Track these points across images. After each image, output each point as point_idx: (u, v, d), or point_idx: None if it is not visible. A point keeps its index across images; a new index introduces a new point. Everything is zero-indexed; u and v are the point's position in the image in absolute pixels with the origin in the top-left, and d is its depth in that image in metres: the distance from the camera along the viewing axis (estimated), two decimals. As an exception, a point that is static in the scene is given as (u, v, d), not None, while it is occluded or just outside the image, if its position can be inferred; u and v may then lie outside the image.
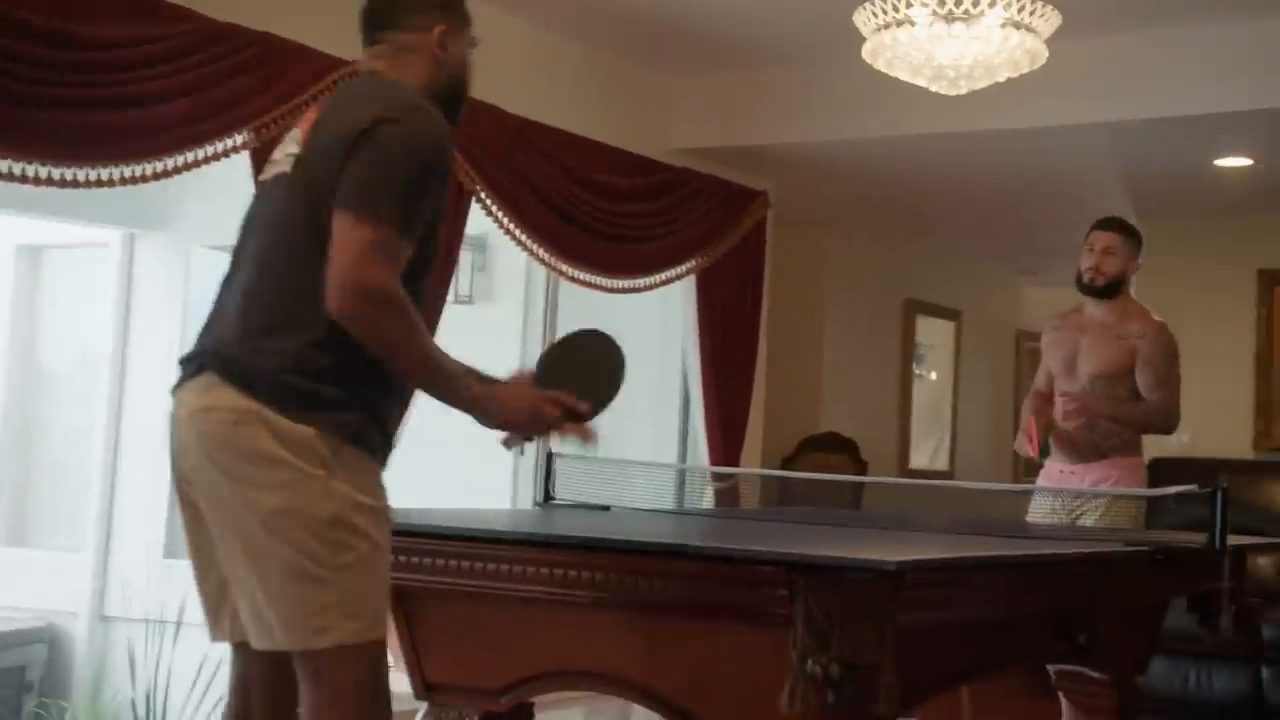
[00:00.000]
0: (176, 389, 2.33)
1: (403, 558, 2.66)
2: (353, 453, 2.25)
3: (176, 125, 3.92)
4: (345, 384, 2.24)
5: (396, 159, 2.23)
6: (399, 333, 2.22)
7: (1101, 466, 4.46)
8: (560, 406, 2.48)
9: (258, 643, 2.27)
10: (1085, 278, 4.52)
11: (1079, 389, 4.47)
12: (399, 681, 2.76)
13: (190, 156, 4.01)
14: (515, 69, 5.27)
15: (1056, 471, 4.54)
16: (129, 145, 3.86)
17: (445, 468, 5.54)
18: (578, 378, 2.53)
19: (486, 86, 5.01)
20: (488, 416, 2.45)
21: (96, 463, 5.62)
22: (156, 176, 3.96)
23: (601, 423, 2.60)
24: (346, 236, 2.18)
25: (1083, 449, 4.45)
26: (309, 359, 2.22)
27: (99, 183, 3.83)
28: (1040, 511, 4.37)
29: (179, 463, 2.32)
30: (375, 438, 2.31)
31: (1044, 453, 4.42)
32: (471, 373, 2.46)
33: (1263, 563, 6.08)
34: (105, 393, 5.65)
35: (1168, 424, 4.54)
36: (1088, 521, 4.30)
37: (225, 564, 2.28)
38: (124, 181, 3.89)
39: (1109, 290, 4.51)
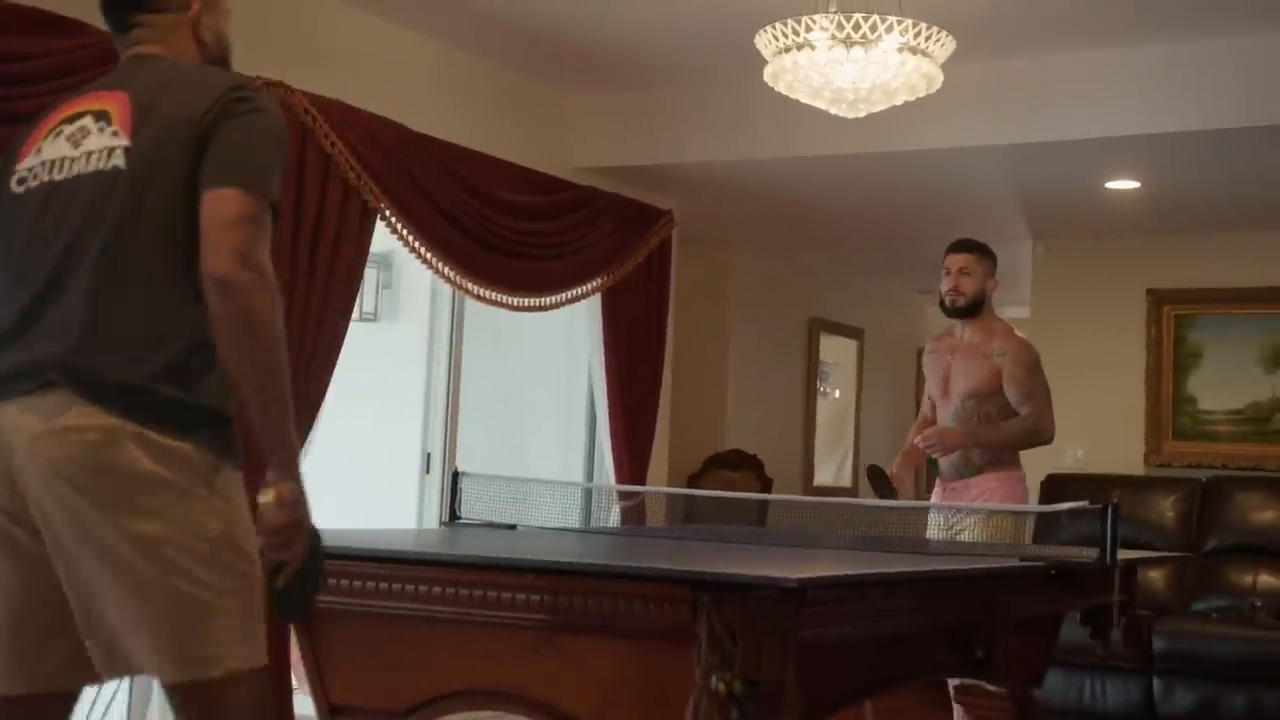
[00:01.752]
0: None
1: (306, 579, 2.63)
2: (230, 468, 2.15)
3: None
4: (219, 394, 2.13)
5: (265, 134, 2.18)
6: (268, 310, 2.06)
7: (979, 481, 4.61)
8: (308, 555, 2.18)
9: (110, 671, 2.15)
10: (946, 300, 4.69)
11: (953, 409, 4.64)
12: (303, 703, 2.73)
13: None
14: (419, 85, 5.25)
15: (940, 488, 4.71)
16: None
17: (350, 486, 5.50)
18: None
19: (390, 102, 5.04)
20: (285, 470, 2.14)
21: None
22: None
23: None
24: (227, 207, 2.07)
25: (959, 465, 4.62)
26: (183, 366, 2.09)
27: None
28: (931, 528, 4.49)
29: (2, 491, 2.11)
30: (239, 451, 2.20)
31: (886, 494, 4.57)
32: None
33: (1153, 576, 6.24)
34: None
35: (1037, 437, 4.65)
36: (965, 537, 4.40)
37: (81, 599, 2.09)
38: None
39: (971, 310, 4.67)
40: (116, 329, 2.09)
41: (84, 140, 2.19)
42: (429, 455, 5.66)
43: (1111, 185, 6.12)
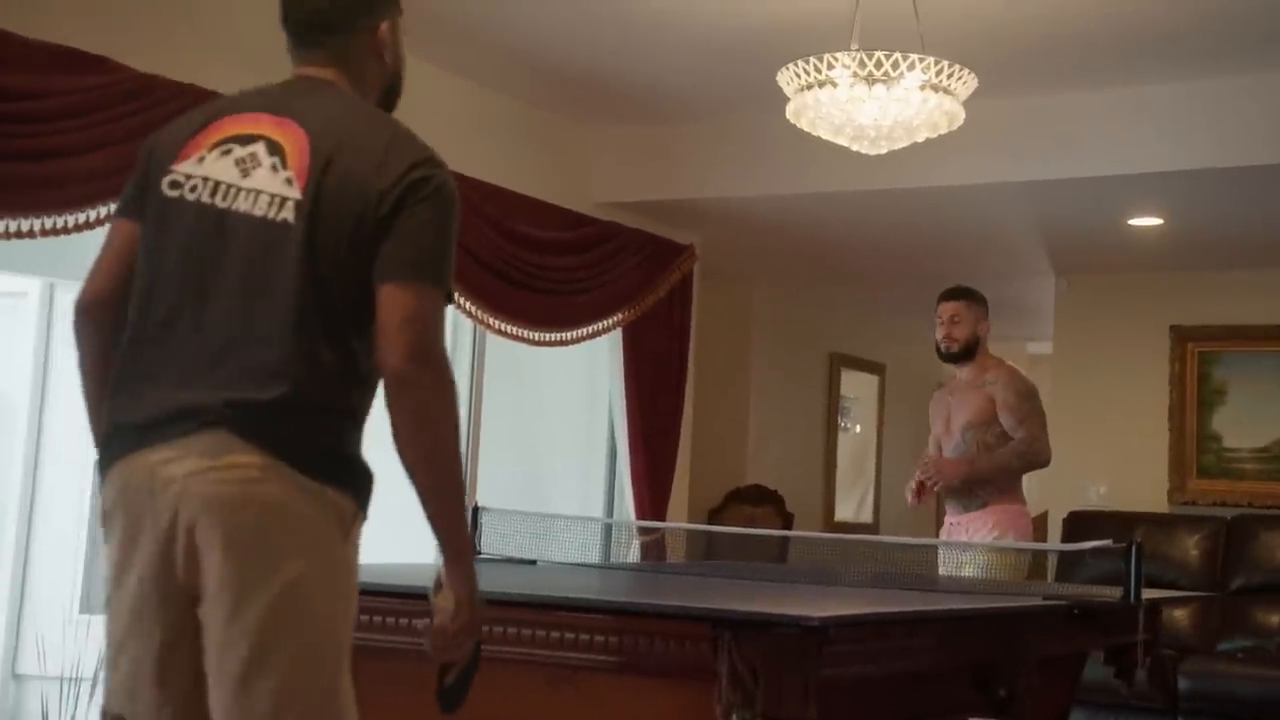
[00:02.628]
0: (142, 450, 2.01)
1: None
2: (363, 518, 2.13)
3: (98, 177, 3.88)
4: (364, 466, 2.13)
5: (445, 222, 2.07)
6: (446, 406, 2.02)
7: (982, 515, 4.68)
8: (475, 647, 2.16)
9: (227, 712, 1.98)
10: (942, 347, 4.88)
11: (954, 443, 4.78)
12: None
13: (112, 208, 3.93)
14: (442, 122, 5.27)
15: (947, 523, 4.81)
16: (49, 197, 3.81)
17: (371, 520, 5.49)
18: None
19: (414, 140, 5.06)
20: (462, 572, 2.10)
21: (11, 515, 5.51)
22: (78, 228, 3.91)
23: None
24: (408, 304, 2.00)
25: (963, 499, 4.71)
26: (335, 428, 2.07)
27: (18, 234, 3.78)
28: (944, 565, 4.54)
29: (168, 526, 1.99)
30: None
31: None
32: None
33: (1178, 615, 6.19)
34: (21, 444, 5.54)
35: (1034, 459, 4.76)
36: (967, 572, 4.41)
37: (218, 636, 1.98)
38: (44, 233, 3.84)
39: (965, 354, 4.85)
40: (289, 392, 2.01)
41: (254, 172, 2.08)
42: (450, 489, 5.65)
43: (1134, 222, 6.11)
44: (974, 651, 2.93)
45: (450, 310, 6.01)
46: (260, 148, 2.10)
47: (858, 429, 9.34)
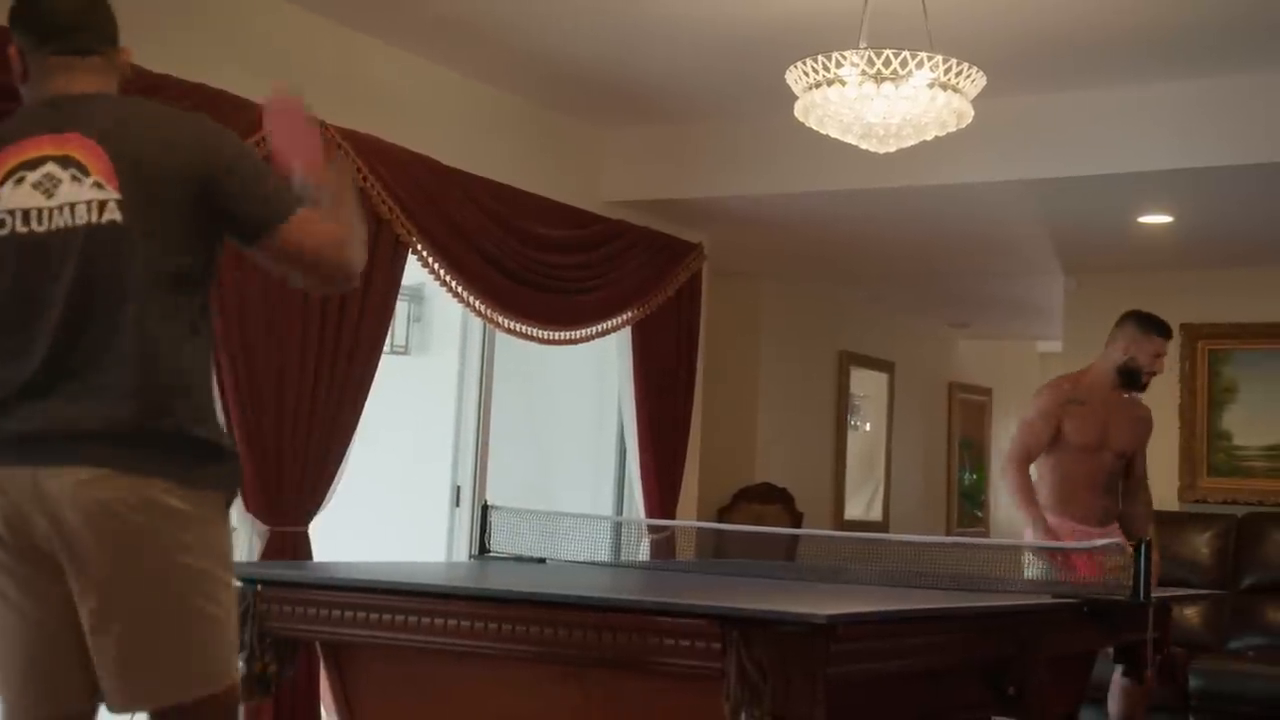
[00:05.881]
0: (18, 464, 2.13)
1: (336, 612, 2.65)
2: (236, 497, 2.35)
3: (110, 175, 3.89)
4: (222, 430, 2.32)
5: (260, 164, 2.30)
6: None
7: (1113, 527, 4.86)
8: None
9: (126, 703, 2.20)
10: (1143, 380, 4.97)
11: (1106, 462, 4.89)
12: (330, 738, 2.73)
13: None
14: (450, 121, 5.29)
15: (1073, 530, 4.79)
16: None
17: (379, 518, 5.51)
18: None
19: (421, 137, 5.07)
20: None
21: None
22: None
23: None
24: (307, 230, 2.26)
25: (1103, 514, 4.90)
26: (202, 407, 2.23)
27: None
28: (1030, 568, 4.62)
29: (36, 530, 2.14)
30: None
31: None
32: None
33: (1189, 613, 6.18)
34: None
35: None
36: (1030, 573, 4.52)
37: (111, 627, 2.14)
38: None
39: None
40: (152, 387, 2.15)
41: (55, 191, 2.16)
42: (459, 488, 5.66)
43: (1144, 219, 6.09)
44: (984, 649, 2.93)
45: (459, 308, 5.98)
46: (52, 166, 2.18)
47: (867, 427, 9.33)
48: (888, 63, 3.72)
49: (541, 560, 3.71)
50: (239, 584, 2.38)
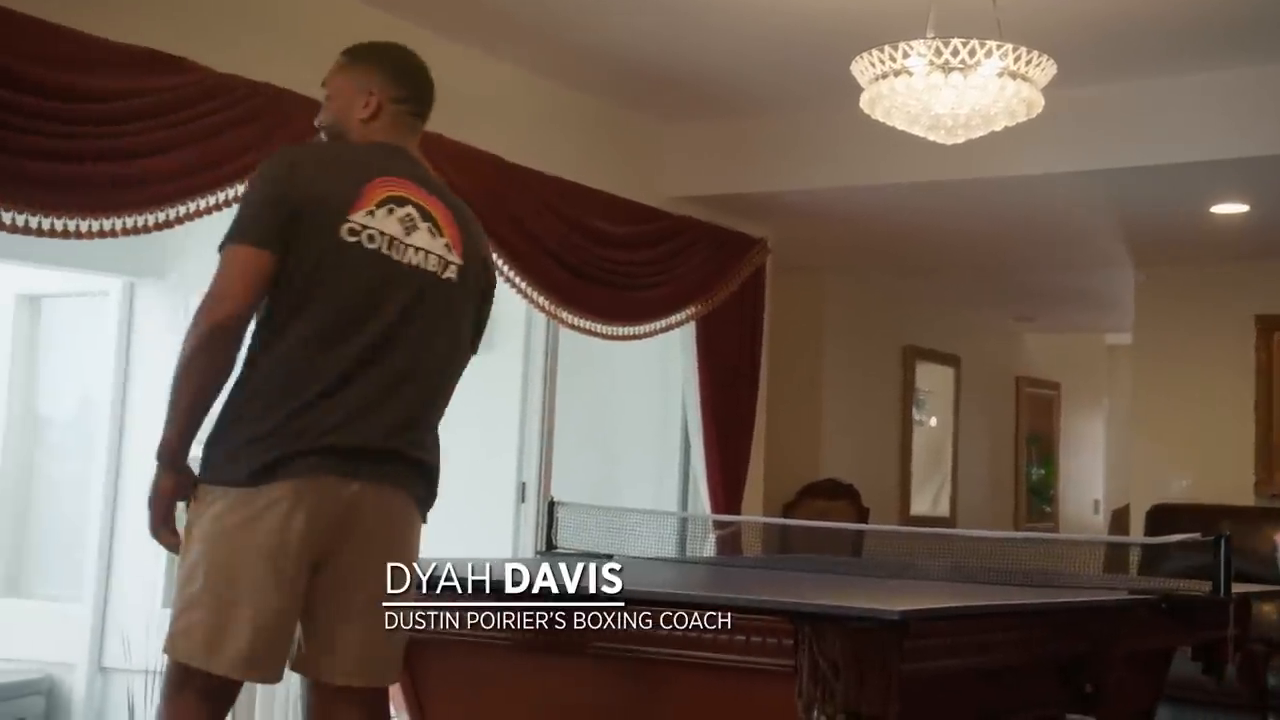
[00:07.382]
0: (351, 478, 2.46)
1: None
2: None
3: (178, 176, 3.93)
4: None
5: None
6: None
7: None
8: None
9: (370, 679, 2.50)
10: None
11: None
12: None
13: (191, 207, 4.01)
14: (515, 118, 5.30)
15: None
16: (130, 196, 3.86)
17: (445, 515, 5.52)
18: None
19: (487, 134, 5.08)
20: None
21: (95, 512, 5.60)
22: (158, 227, 3.96)
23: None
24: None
25: None
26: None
27: (100, 233, 3.82)
28: None
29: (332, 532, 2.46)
30: None
31: None
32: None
33: (1267, 610, 6.06)
34: (104, 442, 5.62)
35: None
36: None
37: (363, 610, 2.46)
38: (125, 232, 3.88)
39: None
40: (433, 423, 2.65)
41: (413, 233, 2.52)
42: (524, 484, 5.67)
43: (1217, 209, 5.98)
44: (1058, 646, 2.88)
45: (523, 304, 6.11)
46: (413, 210, 2.53)
47: (933, 421, 9.25)
48: (955, 52, 3.66)
49: (608, 556, 3.69)
50: None
